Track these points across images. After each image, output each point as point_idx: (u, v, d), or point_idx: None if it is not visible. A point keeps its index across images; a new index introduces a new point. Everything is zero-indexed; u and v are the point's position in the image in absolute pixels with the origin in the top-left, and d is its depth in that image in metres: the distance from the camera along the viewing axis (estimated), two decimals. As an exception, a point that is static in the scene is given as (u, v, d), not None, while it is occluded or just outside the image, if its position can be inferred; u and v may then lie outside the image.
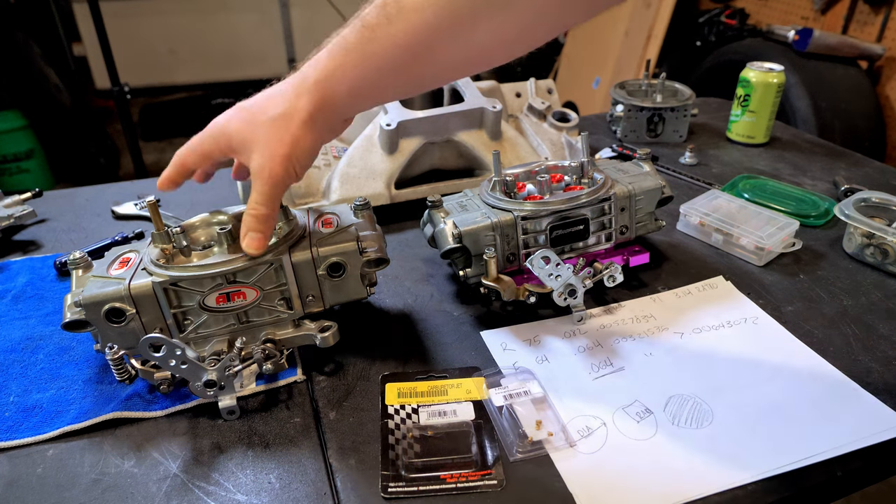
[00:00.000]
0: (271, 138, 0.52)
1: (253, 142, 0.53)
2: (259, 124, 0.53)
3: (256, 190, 0.53)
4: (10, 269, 0.80)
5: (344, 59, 0.51)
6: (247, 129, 0.53)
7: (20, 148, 2.65)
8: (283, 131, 0.52)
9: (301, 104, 0.52)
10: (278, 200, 0.55)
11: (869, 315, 0.67)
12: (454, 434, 0.54)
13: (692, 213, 0.82)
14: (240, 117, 0.54)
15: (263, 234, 0.54)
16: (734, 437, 0.53)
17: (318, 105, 0.52)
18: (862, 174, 1.01)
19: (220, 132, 0.55)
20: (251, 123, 0.53)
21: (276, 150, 0.52)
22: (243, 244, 0.54)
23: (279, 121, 0.52)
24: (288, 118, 0.52)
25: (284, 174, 0.53)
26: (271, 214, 0.54)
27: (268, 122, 0.52)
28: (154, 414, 0.56)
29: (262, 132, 0.52)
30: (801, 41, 1.95)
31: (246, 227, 0.54)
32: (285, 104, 0.52)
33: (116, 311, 0.54)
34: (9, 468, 0.52)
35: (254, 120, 0.53)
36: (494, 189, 0.70)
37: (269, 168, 0.52)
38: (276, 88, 0.54)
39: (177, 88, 3.88)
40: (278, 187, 0.53)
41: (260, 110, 0.53)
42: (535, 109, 1.03)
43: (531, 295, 0.66)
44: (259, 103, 0.54)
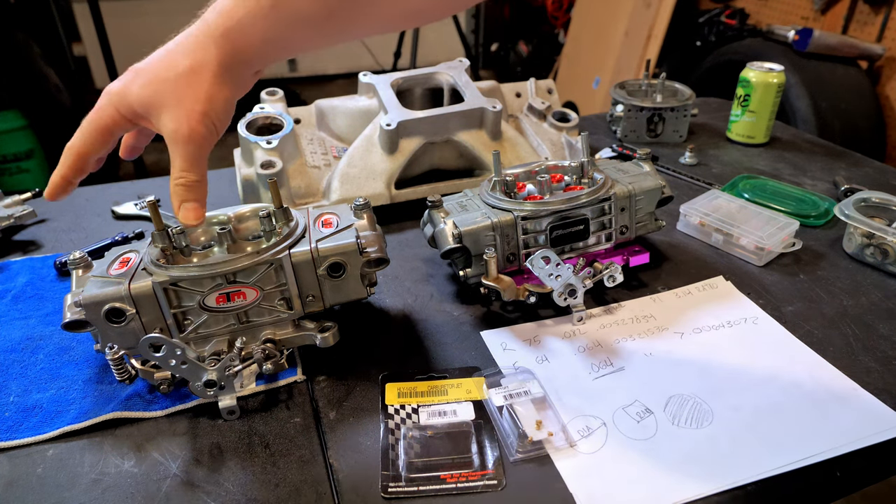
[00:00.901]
0: (183, 96, 0.47)
1: (161, 103, 0.47)
2: (164, 81, 0.47)
3: (178, 155, 0.48)
4: (10, 269, 0.80)
5: (254, 8, 0.46)
6: (150, 90, 0.47)
7: (20, 148, 2.64)
8: (195, 87, 0.47)
9: (209, 56, 0.47)
10: (204, 162, 0.50)
11: (869, 315, 0.67)
12: (454, 434, 0.54)
13: (692, 213, 0.82)
14: (140, 80, 0.48)
15: (198, 201, 0.49)
16: (734, 437, 0.53)
17: (228, 55, 0.48)
18: (862, 174, 1.01)
19: (118, 99, 0.49)
20: (155, 83, 0.47)
21: (192, 108, 0.47)
22: (179, 217, 0.49)
23: (188, 76, 0.47)
24: (197, 72, 0.47)
25: (206, 132, 0.48)
26: (201, 179, 0.49)
27: (175, 79, 0.47)
28: (154, 414, 0.57)
29: (171, 90, 0.47)
30: (801, 41, 1.95)
31: (178, 198, 0.49)
32: (192, 57, 0.47)
33: (116, 311, 0.54)
34: (9, 468, 0.52)
35: (156, 78, 0.47)
36: (494, 189, 0.70)
37: (188, 127, 0.47)
38: (176, 41, 0.49)
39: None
40: (202, 147, 0.48)
41: (163, 67, 0.48)
42: (535, 109, 1.03)
43: (531, 295, 0.66)
44: (160, 60, 0.48)
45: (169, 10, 3.66)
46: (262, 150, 0.85)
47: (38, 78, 2.63)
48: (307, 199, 0.88)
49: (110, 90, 0.50)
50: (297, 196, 0.87)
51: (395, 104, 0.90)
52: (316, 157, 0.92)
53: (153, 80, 0.48)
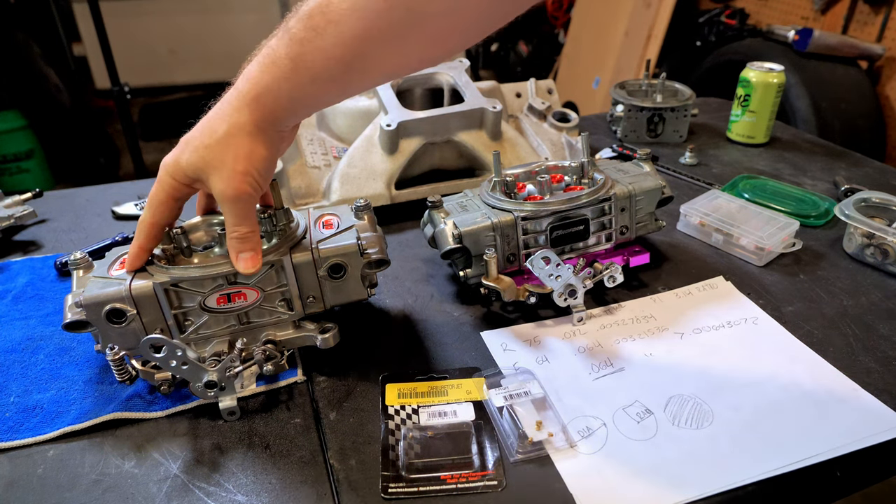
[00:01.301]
0: (225, 158, 0.51)
1: (208, 166, 0.52)
2: (207, 147, 0.52)
3: (228, 212, 0.52)
4: (11, 269, 0.80)
5: (277, 73, 0.50)
6: (197, 156, 0.52)
7: (20, 148, 2.65)
8: (234, 148, 0.51)
9: (244, 119, 0.51)
10: (254, 215, 0.54)
11: (869, 315, 0.67)
12: (454, 435, 0.54)
13: (692, 213, 0.82)
14: (188, 149, 0.53)
15: (253, 251, 0.54)
16: (734, 437, 0.53)
17: (260, 117, 0.52)
18: (862, 174, 1.01)
19: (174, 169, 0.54)
20: (200, 149, 0.52)
21: (234, 168, 0.51)
22: (239, 268, 0.54)
23: (227, 139, 0.51)
24: (234, 135, 0.51)
25: (249, 189, 0.52)
26: (253, 230, 0.54)
27: (216, 144, 0.51)
28: (154, 414, 0.57)
29: (214, 154, 0.52)
30: (801, 41, 1.95)
31: (235, 250, 0.53)
32: (228, 122, 0.51)
33: (117, 312, 0.54)
34: (9, 469, 0.52)
35: (201, 145, 0.52)
36: (494, 189, 0.70)
37: (233, 187, 0.51)
38: (214, 111, 0.54)
39: (177, 88, 3.88)
40: (248, 203, 0.53)
41: (204, 135, 0.52)
42: (535, 109, 1.03)
43: (531, 295, 0.66)
44: (202, 128, 0.53)
45: (169, 10, 3.67)
46: (262, 151, 0.85)
47: (38, 78, 2.63)
48: (307, 200, 0.88)
49: (166, 162, 0.55)
50: (297, 196, 0.87)
51: (395, 104, 0.90)
52: (316, 157, 0.93)
53: (198, 147, 0.52)
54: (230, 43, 3.83)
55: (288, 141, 0.57)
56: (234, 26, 3.78)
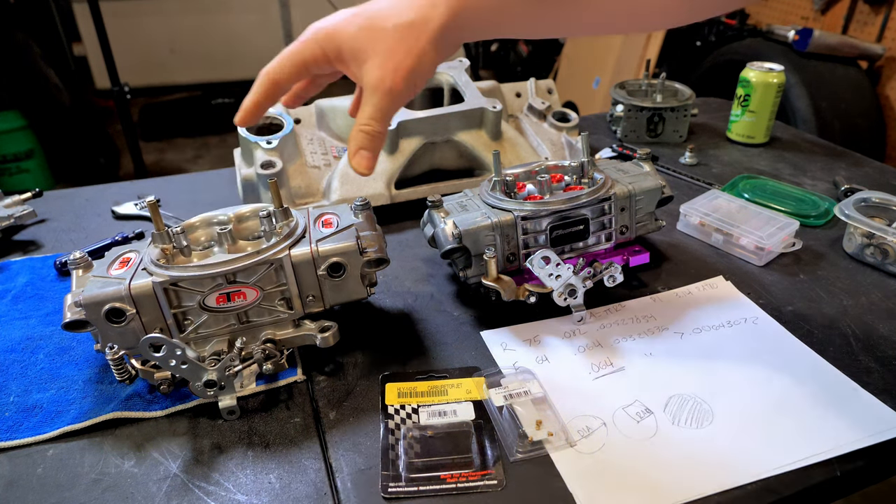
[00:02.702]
0: (396, 48, 0.47)
1: (370, 51, 0.47)
2: (380, 30, 0.47)
3: (372, 104, 0.48)
4: (10, 269, 0.80)
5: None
6: (364, 36, 0.48)
7: (20, 148, 2.65)
8: (411, 41, 0.47)
9: (435, 14, 0.47)
10: (391, 117, 0.50)
11: (869, 315, 0.67)
12: (454, 434, 0.54)
13: (692, 213, 0.82)
14: (355, 23, 0.48)
15: (374, 152, 0.50)
16: (734, 437, 0.53)
17: (452, 20, 0.48)
18: (862, 174, 1.01)
19: (326, 37, 0.49)
20: (370, 30, 0.48)
21: (401, 62, 0.47)
22: (352, 163, 0.50)
23: (408, 29, 0.47)
24: (418, 28, 0.47)
25: (405, 89, 0.48)
26: (384, 132, 0.50)
27: (392, 30, 0.47)
28: (154, 414, 0.57)
29: (385, 40, 0.47)
30: (801, 41, 1.95)
31: (357, 144, 0.49)
32: (417, 12, 0.47)
33: (117, 311, 0.54)
34: (9, 468, 0.52)
35: (373, 26, 0.48)
36: (494, 189, 0.70)
37: (392, 81, 0.47)
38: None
39: (177, 88, 3.89)
40: (396, 103, 0.49)
41: (382, 16, 0.48)
42: (535, 109, 1.03)
43: (531, 295, 0.66)
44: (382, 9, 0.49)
45: (169, 10, 3.67)
46: (262, 150, 0.85)
47: (38, 78, 2.63)
48: (307, 199, 0.88)
49: (319, 27, 0.50)
50: (297, 196, 0.87)
51: (395, 104, 0.90)
52: (316, 157, 0.93)
53: (370, 27, 0.48)
54: (230, 43, 3.84)
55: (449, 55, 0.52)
56: (234, 26, 3.78)
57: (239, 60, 3.87)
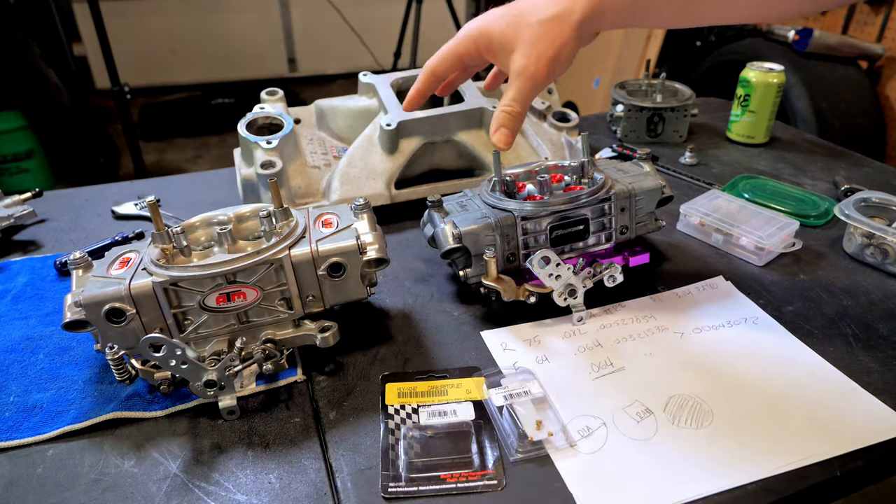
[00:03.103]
0: (540, 38, 0.53)
1: (517, 41, 0.53)
2: (526, 24, 0.53)
3: (515, 87, 0.54)
4: (10, 269, 0.80)
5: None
6: (511, 30, 0.54)
7: (20, 148, 2.65)
8: (554, 33, 0.53)
9: (577, 7, 0.52)
10: (531, 100, 0.56)
11: (869, 315, 0.67)
12: (454, 434, 0.54)
13: (692, 213, 0.82)
14: (503, 19, 0.55)
15: (513, 130, 0.56)
16: (734, 437, 0.53)
17: (593, 10, 0.52)
18: (862, 174, 1.01)
19: (479, 33, 0.56)
20: (517, 25, 0.54)
21: (544, 51, 0.53)
22: (493, 138, 0.56)
23: (552, 22, 0.53)
24: (561, 20, 0.53)
25: (546, 75, 0.54)
26: (523, 113, 0.56)
27: (537, 24, 0.53)
28: (154, 414, 0.57)
29: (530, 32, 0.53)
30: (801, 41, 1.96)
31: (498, 122, 0.56)
32: (559, 6, 0.53)
33: (116, 311, 0.54)
34: (9, 468, 0.52)
35: (520, 21, 0.54)
36: (494, 189, 0.70)
37: (535, 67, 0.53)
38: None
39: (177, 88, 3.89)
40: (537, 88, 0.54)
41: (528, 12, 0.54)
42: (535, 109, 1.03)
43: (531, 295, 0.66)
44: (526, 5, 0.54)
45: (169, 10, 3.68)
46: (262, 150, 0.85)
47: (38, 78, 2.63)
48: (307, 199, 0.88)
49: (472, 26, 0.57)
50: (297, 196, 0.87)
51: (395, 104, 0.90)
52: (316, 157, 0.93)
53: (518, 22, 0.54)
54: (230, 43, 3.84)
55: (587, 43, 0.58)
56: (234, 26, 3.79)
57: (239, 60, 3.87)
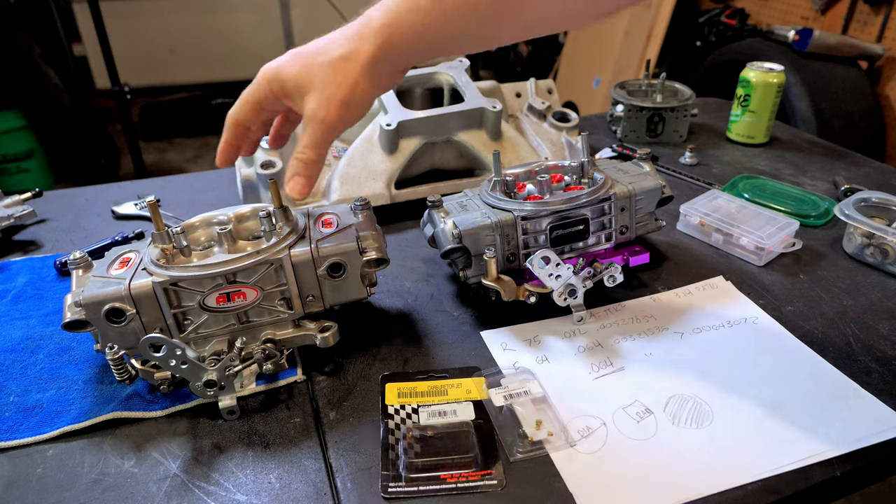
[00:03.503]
0: (329, 81, 0.50)
1: (309, 84, 0.51)
2: (317, 66, 0.51)
3: (307, 133, 0.52)
4: (10, 269, 0.80)
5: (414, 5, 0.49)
6: (303, 72, 0.51)
7: (20, 148, 2.65)
8: (342, 74, 0.50)
9: (364, 47, 0.50)
10: (327, 146, 0.53)
11: (869, 315, 0.67)
12: (454, 434, 0.54)
13: (692, 213, 0.82)
14: (295, 61, 0.52)
15: (308, 179, 0.54)
16: (734, 437, 0.53)
17: (381, 49, 0.50)
18: (862, 174, 1.01)
19: (273, 76, 0.53)
20: (308, 66, 0.51)
21: (334, 93, 0.50)
22: (287, 188, 0.53)
23: (339, 63, 0.50)
24: (349, 60, 0.50)
25: (338, 119, 0.51)
26: (318, 160, 0.53)
27: (326, 65, 0.51)
28: (154, 414, 0.57)
29: (320, 74, 0.51)
30: (801, 41, 1.96)
31: (292, 170, 0.53)
32: (347, 46, 0.50)
33: (116, 311, 0.54)
34: (9, 468, 0.52)
35: (311, 62, 0.51)
36: (494, 189, 0.70)
37: (325, 111, 0.51)
38: (338, 32, 0.52)
39: (177, 88, 3.88)
40: (330, 132, 0.52)
41: (318, 52, 0.51)
42: (535, 109, 1.03)
43: (531, 295, 0.66)
44: (318, 46, 0.52)
45: (169, 10, 3.67)
46: (262, 150, 0.85)
47: (38, 78, 2.63)
48: (307, 199, 0.88)
49: (267, 68, 0.54)
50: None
51: (395, 104, 0.90)
52: (316, 157, 0.92)
53: (307, 63, 0.52)
54: (230, 43, 3.83)
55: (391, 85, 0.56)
56: (234, 26, 3.78)
57: (239, 60, 3.86)
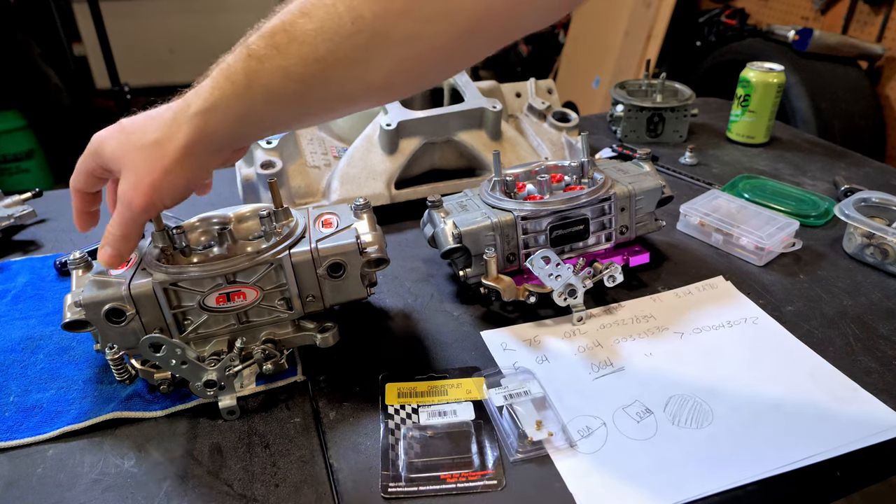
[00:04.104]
0: (140, 165, 0.50)
1: (123, 164, 0.51)
2: (132, 147, 0.50)
3: (117, 212, 0.52)
4: (10, 269, 0.80)
5: (230, 90, 0.48)
6: (120, 151, 0.51)
7: (20, 148, 2.65)
8: (153, 160, 0.50)
9: (178, 135, 0.49)
10: (136, 227, 0.53)
11: (869, 315, 0.67)
12: (454, 434, 0.54)
13: (692, 213, 0.82)
14: (117, 138, 0.52)
15: (117, 251, 0.53)
16: (734, 437, 0.53)
17: (196, 137, 0.49)
18: (862, 174, 1.01)
19: (96, 150, 0.53)
20: (125, 145, 0.51)
21: (143, 178, 0.50)
22: (98, 256, 0.54)
23: (151, 149, 0.50)
24: (161, 147, 0.49)
25: (145, 204, 0.50)
26: (125, 237, 0.53)
27: (140, 148, 0.50)
28: (154, 414, 0.57)
29: (133, 157, 0.50)
30: (801, 41, 1.95)
31: (104, 240, 0.53)
32: (162, 131, 0.50)
33: (116, 312, 0.54)
34: (9, 468, 0.52)
35: (128, 141, 0.51)
36: (494, 189, 0.70)
37: (132, 195, 0.50)
38: (159, 111, 0.52)
39: (177, 88, 3.88)
40: (138, 216, 0.51)
41: (136, 132, 0.51)
42: (535, 109, 1.03)
43: (531, 295, 0.66)
44: (138, 125, 0.52)
45: (169, 10, 3.67)
46: (262, 150, 0.85)
47: (38, 78, 2.63)
48: (307, 199, 0.88)
49: (94, 138, 0.53)
50: (297, 196, 0.87)
51: (395, 104, 0.90)
52: (316, 157, 0.93)
53: (124, 143, 0.51)
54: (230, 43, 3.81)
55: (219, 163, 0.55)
56: (233, 26, 3.77)
57: (239, 60, 3.86)
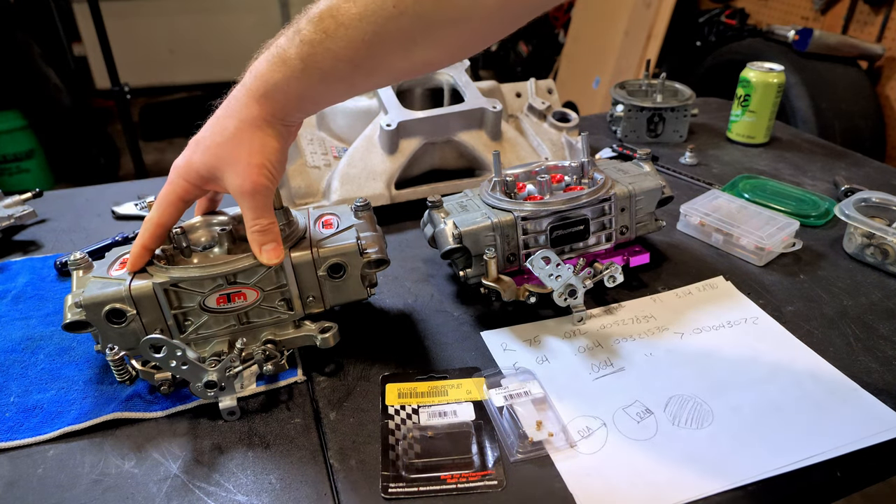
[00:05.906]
0: (239, 153, 0.52)
1: (222, 164, 0.53)
2: (220, 145, 0.53)
3: (246, 206, 0.53)
4: (11, 269, 0.80)
5: (287, 72, 0.51)
6: (209, 155, 0.53)
7: (20, 148, 2.65)
8: (246, 143, 0.52)
9: (254, 112, 0.52)
10: (271, 207, 0.55)
11: (869, 315, 0.67)
12: (454, 434, 0.54)
13: (692, 213, 0.82)
14: (200, 149, 0.54)
15: (275, 241, 0.55)
16: (734, 437, 0.53)
17: (269, 113, 0.53)
18: (862, 174, 1.01)
19: (185, 170, 0.54)
20: (212, 148, 0.53)
21: (249, 162, 0.52)
22: (262, 259, 0.55)
23: (239, 134, 0.52)
24: (245, 129, 0.52)
25: (265, 181, 0.53)
26: (272, 222, 0.55)
27: (228, 140, 0.52)
28: (154, 414, 0.57)
29: (227, 151, 0.52)
30: (801, 41, 1.95)
31: (257, 243, 0.54)
32: (238, 117, 0.52)
33: (117, 312, 0.55)
34: (9, 468, 0.52)
35: (213, 143, 0.53)
36: (494, 189, 0.70)
37: (250, 181, 0.52)
38: (221, 109, 0.54)
39: (177, 88, 3.88)
40: (266, 196, 0.54)
41: (215, 133, 0.53)
42: (535, 109, 1.03)
43: (531, 295, 0.66)
44: (211, 127, 0.54)
45: (169, 10, 3.67)
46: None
47: (38, 78, 2.63)
48: (307, 200, 0.88)
49: (177, 165, 0.55)
50: (297, 196, 0.87)
51: (395, 104, 0.90)
52: (316, 157, 0.93)
53: (210, 146, 0.53)
54: (230, 43, 3.83)
55: (293, 135, 0.58)
56: (233, 26, 3.78)
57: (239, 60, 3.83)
